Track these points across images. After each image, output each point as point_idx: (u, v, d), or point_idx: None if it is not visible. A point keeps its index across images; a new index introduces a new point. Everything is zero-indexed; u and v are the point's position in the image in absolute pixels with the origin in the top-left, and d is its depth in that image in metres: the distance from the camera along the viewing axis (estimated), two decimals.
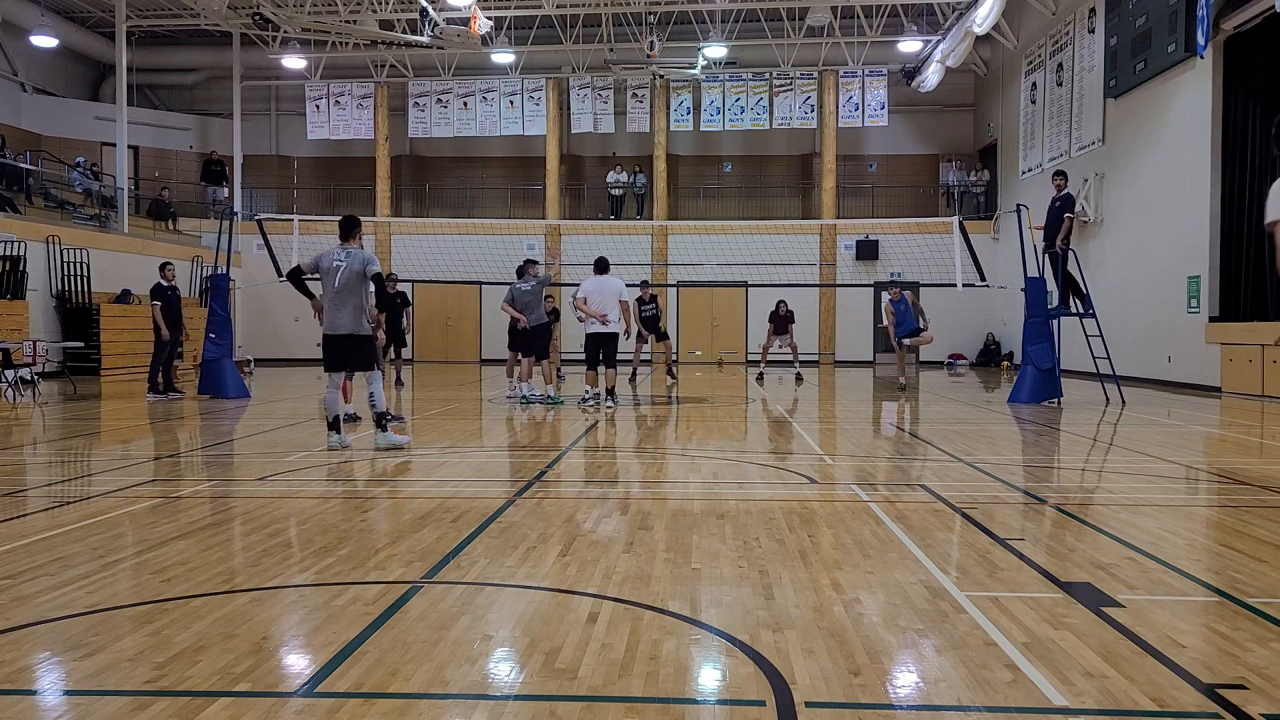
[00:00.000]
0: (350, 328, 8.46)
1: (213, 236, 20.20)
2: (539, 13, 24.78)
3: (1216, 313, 16.41)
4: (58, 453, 8.88)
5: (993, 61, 27.37)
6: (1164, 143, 17.80)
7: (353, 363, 8.66)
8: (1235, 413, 12.68)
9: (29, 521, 5.61)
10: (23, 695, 3.03)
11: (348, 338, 8.49)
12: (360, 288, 8.44)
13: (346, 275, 8.39)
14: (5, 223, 19.19)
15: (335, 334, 8.50)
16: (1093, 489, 7.05)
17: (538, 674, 3.16)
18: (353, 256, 8.47)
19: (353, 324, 8.46)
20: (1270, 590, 4.16)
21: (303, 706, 2.90)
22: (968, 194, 28.22)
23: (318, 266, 8.56)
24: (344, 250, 8.52)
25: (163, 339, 14.39)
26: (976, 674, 3.15)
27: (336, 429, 8.62)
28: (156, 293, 14.56)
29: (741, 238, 23.84)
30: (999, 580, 4.29)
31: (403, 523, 5.64)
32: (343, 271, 8.40)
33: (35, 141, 26.60)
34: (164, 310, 14.44)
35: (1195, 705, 2.93)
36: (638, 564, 4.56)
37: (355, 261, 8.43)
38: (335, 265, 8.42)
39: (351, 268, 8.40)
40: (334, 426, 8.63)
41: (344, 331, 8.47)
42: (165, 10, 25.93)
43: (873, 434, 10.52)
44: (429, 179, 30.19)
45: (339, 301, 8.43)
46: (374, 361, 8.74)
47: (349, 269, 8.40)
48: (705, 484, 6.98)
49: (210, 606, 3.89)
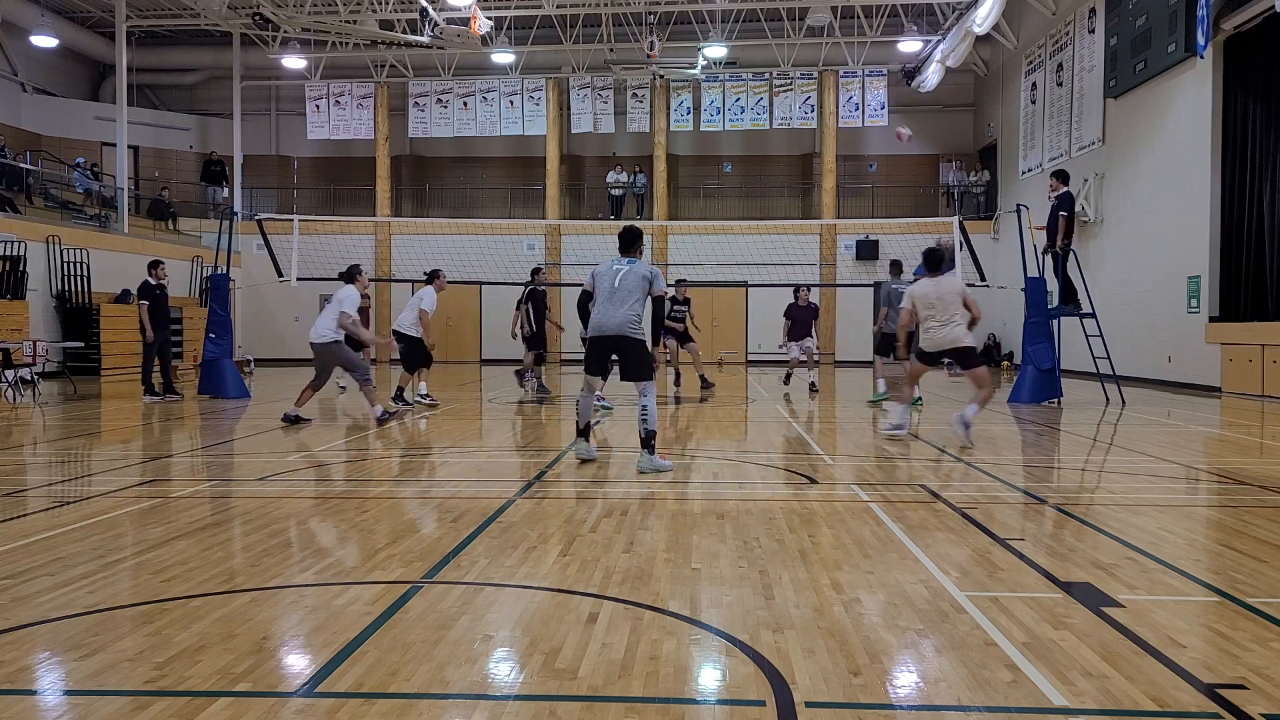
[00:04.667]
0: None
1: (213, 236, 20.21)
2: (539, 13, 24.79)
3: (1216, 313, 16.40)
4: (58, 453, 8.88)
5: (993, 61, 27.37)
6: (1164, 143, 17.79)
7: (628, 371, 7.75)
8: (1235, 413, 12.67)
9: (29, 521, 5.61)
10: (23, 695, 3.03)
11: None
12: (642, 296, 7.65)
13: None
14: (5, 223, 19.18)
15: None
16: (1093, 489, 7.05)
17: (538, 674, 3.16)
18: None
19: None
20: (1270, 590, 4.16)
21: (303, 706, 2.90)
22: (968, 194, 28.21)
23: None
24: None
25: (147, 340, 14.14)
26: (976, 674, 3.15)
27: (585, 436, 7.89)
28: (144, 292, 14.25)
29: (741, 238, 23.84)
30: (999, 580, 4.29)
31: (403, 523, 5.64)
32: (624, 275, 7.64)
33: (35, 141, 26.60)
34: (151, 310, 14.15)
35: (1195, 705, 2.93)
36: (638, 564, 4.56)
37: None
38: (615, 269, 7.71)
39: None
40: (583, 434, 7.91)
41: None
42: (165, 10, 25.92)
43: (873, 434, 10.51)
44: (429, 179, 30.19)
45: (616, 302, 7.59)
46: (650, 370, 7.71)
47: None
48: (705, 484, 6.98)
49: (210, 606, 3.89)
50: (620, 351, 7.61)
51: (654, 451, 7.41)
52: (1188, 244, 17.02)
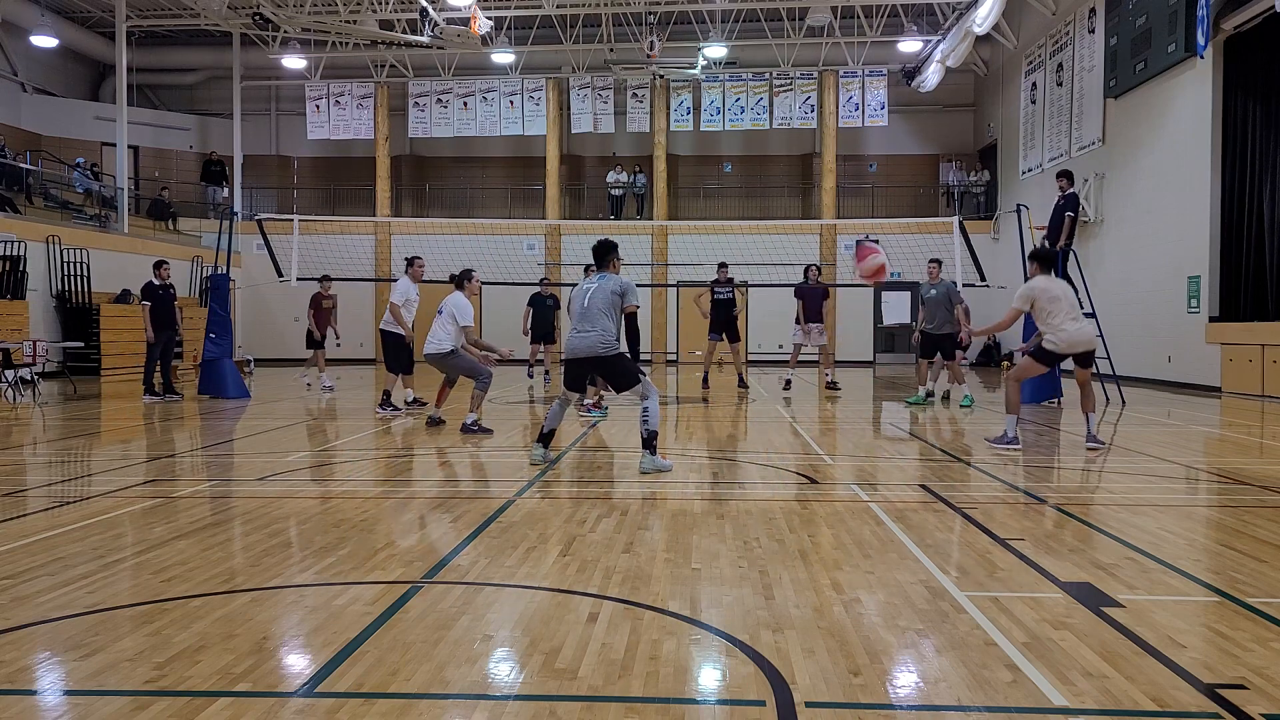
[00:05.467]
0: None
1: (213, 236, 20.22)
2: (539, 13, 24.78)
3: (1216, 313, 16.41)
4: (58, 453, 8.87)
5: (993, 61, 27.37)
6: (1164, 143, 17.80)
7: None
8: (1235, 413, 12.67)
9: (29, 521, 5.61)
10: (23, 695, 3.03)
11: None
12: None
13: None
14: (5, 223, 19.18)
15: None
16: (1093, 489, 7.05)
17: (538, 674, 3.16)
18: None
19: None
20: (1270, 590, 4.16)
21: (303, 706, 2.90)
22: (968, 194, 28.21)
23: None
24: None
25: (149, 340, 14.16)
26: (976, 674, 3.15)
27: (545, 442, 7.86)
28: (147, 292, 14.29)
29: (741, 238, 23.84)
30: (999, 580, 4.29)
31: (403, 523, 5.64)
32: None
33: (35, 141, 26.60)
34: (154, 310, 14.15)
35: (1195, 705, 2.93)
36: (638, 564, 4.56)
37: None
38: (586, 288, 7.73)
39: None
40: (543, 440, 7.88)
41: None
42: (165, 10, 25.92)
43: (873, 434, 10.51)
44: (429, 179, 30.19)
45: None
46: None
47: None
48: (705, 484, 6.98)
49: (210, 606, 3.89)
50: (599, 370, 7.66)
51: (655, 452, 7.40)
52: (1188, 244, 17.02)
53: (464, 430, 9.94)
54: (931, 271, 13.60)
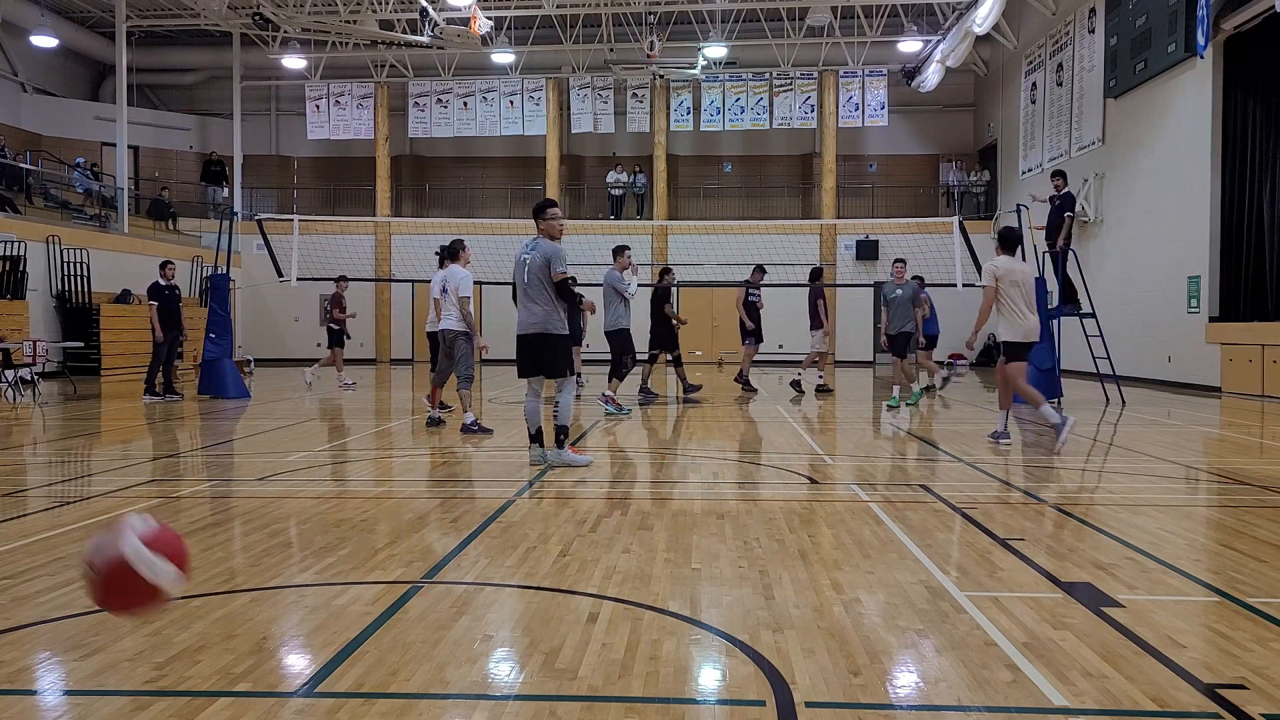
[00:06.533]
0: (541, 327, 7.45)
1: (213, 236, 20.21)
2: (539, 13, 24.78)
3: (1216, 313, 16.40)
4: (58, 453, 8.87)
5: (993, 61, 27.37)
6: (1164, 143, 17.79)
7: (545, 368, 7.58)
8: (1235, 413, 12.67)
9: (29, 521, 5.61)
10: (23, 695, 3.03)
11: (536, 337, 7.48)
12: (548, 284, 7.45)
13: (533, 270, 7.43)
14: (5, 223, 19.18)
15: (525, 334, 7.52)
16: (1093, 489, 7.05)
17: (538, 674, 3.16)
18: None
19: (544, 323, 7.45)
20: (1270, 590, 4.16)
21: (303, 706, 2.90)
22: (968, 194, 28.21)
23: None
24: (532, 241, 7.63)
25: (156, 340, 14.22)
26: (976, 674, 3.15)
27: (539, 441, 7.78)
28: (153, 292, 14.36)
29: (741, 238, 23.84)
30: (999, 580, 4.29)
31: (403, 523, 5.63)
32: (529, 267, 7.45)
33: (35, 141, 26.59)
34: (160, 310, 14.23)
35: (1195, 705, 2.93)
36: (638, 564, 4.56)
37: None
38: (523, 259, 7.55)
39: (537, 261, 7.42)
40: (535, 439, 7.79)
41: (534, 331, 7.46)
42: (165, 10, 25.92)
43: (873, 434, 10.51)
44: (429, 179, 30.18)
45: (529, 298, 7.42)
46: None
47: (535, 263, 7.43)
48: (705, 484, 6.98)
49: (210, 606, 3.89)
50: (540, 347, 7.48)
51: (563, 446, 7.58)
52: (1188, 244, 17.02)
53: (464, 430, 9.91)
54: (898, 272, 13.71)
